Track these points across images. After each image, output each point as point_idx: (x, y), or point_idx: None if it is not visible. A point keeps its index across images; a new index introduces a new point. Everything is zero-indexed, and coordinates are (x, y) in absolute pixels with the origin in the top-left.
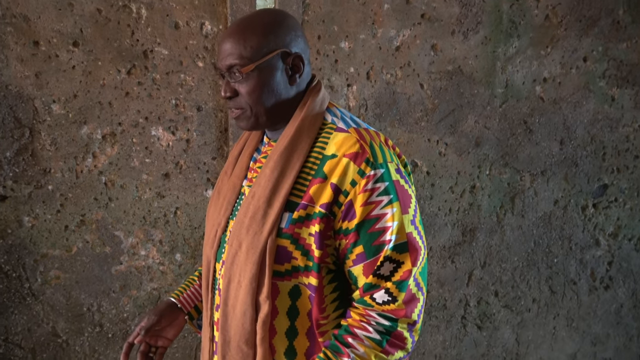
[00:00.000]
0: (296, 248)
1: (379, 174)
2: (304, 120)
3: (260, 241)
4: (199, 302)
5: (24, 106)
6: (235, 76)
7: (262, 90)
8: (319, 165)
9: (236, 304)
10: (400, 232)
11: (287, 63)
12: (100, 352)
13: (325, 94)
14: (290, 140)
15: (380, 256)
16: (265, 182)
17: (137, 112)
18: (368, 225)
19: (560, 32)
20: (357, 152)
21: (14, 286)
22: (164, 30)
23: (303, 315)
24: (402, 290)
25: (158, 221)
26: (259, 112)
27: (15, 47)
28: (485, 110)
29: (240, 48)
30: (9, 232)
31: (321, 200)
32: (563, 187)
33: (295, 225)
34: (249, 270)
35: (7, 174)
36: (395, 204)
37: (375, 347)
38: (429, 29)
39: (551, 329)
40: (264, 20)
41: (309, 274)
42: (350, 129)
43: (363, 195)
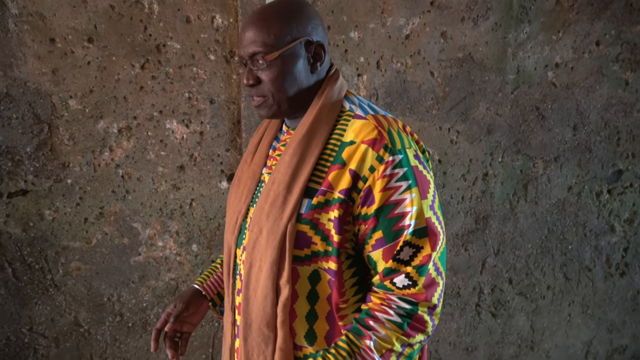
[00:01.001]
0: (316, 233)
1: (397, 159)
2: (322, 108)
3: (280, 226)
4: (221, 289)
5: (42, 102)
6: (259, 64)
7: (285, 78)
8: (338, 152)
9: (257, 288)
10: (419, 217)
11: (309, 51)
12: (120, 340)
13: (343, 82)
14: (309, 127)
15: (399, 241)
16: (285, 169)
17: (152, 105)
18: (387, 210)
19: (572, 16)
20: (375, 139)
21: (37, 278)
22: (175, 25)
23: (323, 300)
24: (422, 274)
25: (174, 213)
26: (281, 99)
27: (32, 44)
28: (496, 97)
29: (263, 36)
30: (31, 225)
31: (340, 186)
32: (577, 173)
33: (315, 210)
34: (269, 255)
35: (28, 168)
36: (413, 190)
37: (396, 329)
38: (438, 16)
39: (566, 315)
40: (287, 9)
41: (329, 259)
42: (368, 115)
43: (382, 180)
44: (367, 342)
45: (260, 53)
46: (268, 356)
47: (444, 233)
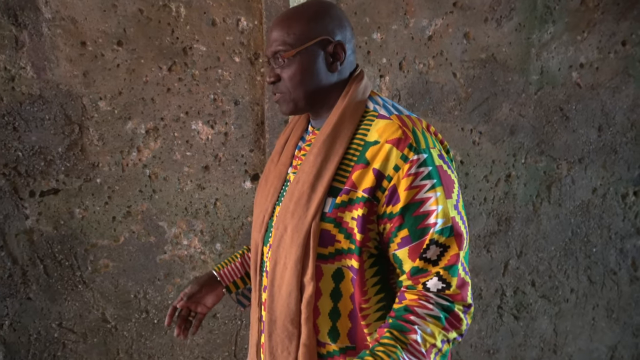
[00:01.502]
0: (339, 231)
1: (422, 158)
2: (346, 108)
3: (304, 225)
4: (237, 278)
5: (73, 104)
6: (279, 62)
7: (303, 75)
8: (361, 152)
9: (282, 285)
10: (445, 215)
11: (328, 50)
12: (146, 337)
13: (368, 83)
14: (333, 127)
15: (425, 239)
16: (309, 168)
17: (178, 107)
18: (413, 208)
19: (597, 16)
20: (400, 138)
21: (67, 274)
22: (201, 28)
23: (346, 298)
24: (453, 275)
25: (199, 212)
26: (297, 96)
27: (64, 47)
28: (520, 98)
29: (284, 35)
30: (61, 223)
31: (363, 185)
32: (602, 175)
33: (339, 209)
34: (294, 252)
35: (60, 168)
36: (438, 189)
37: (437, 324)
38: (461, 17)
39: (590, 319)
40: (308, 10)
41: (352, 257)
42: (393, 115)
43: (407, 179)
44: (413, 336)
45: (280, 51)
46: (292, 352)
47: (468, 233)
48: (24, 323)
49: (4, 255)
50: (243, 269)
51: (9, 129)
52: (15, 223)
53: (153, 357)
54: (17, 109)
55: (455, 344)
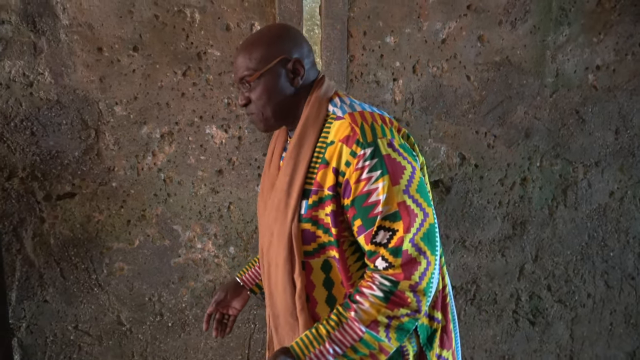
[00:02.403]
0: (318, 228)
1: (367, 152)
2: (308, 116)
3: (286, 227)
4: (259, 281)
5: (89, 109)
6: (246, 85)
7: (268, 94)
8: (323, 153)
9: (277, 283)
10: (389, 202)
11: (288, 68)
12: (160, 340)
13: (329, 86)
14: (299, 135)
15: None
16: (283, 176)
17: (192, 111)
18: (361, 200)
19: (614, 18)
20: (349, 135)
21: (83, 277)
22: (215, 33)
23: (337, 285)
24: (396, 255)
25: (213, 215)
26: (267, 114)
27: (81, 53)
28: (535, 101)
29: (246, 61)
30: (77, 227)
31: (327, 183)
32: (619, 178)
33: (312, 209)
34: (281, 253)
35: (76, 172)
36: (384, 177)
37: (379, 302)
38: (475, 19)
39: (607, 325)
40: (266, 35)
41: (332, 248)
42: (345, 115)
43: (356, 173)
44: (351, 313)
45: (246, 76)
46: None
47: (427, 214)
48: (40, 325)
49: (21, 258)
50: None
51: (27, 133)
52: (32, 226)
53: None
54: (35, 114)
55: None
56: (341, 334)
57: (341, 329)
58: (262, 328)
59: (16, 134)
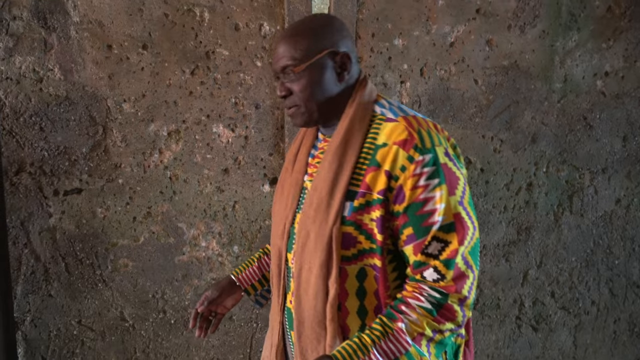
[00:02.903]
0: (360, 233)
1: (427, 158)
2: (354, 115)
3: (326, 229)
4: (255, 281)
5: (98, 105)
6: (289, 76)
7: (313, 88)
8: (372, 155)
9: (308, 288)
10: (446, 213)
11: (336, 61)
12: (163, 337)
13: (372, 88)
14: (344, 134)
15: (428, 236)
16: (325, 175)
17: (200, 110)
18: (416, 207)
19: (623, 24)
20: (406, 139)
21: (87, 273)
22: (224, 32)
23: (370, 295)
24: (449, 268)
25: (217, 214)
26: (311, 108)
27: (91, 50)
28: (542, 106)
29: (292, 50)
30: (84, 222)
31: (377, 187)
32: (626, 186)
33: (357, 212)
34: (318, 257)
35: (83, 168)
36: (442, 187)
37: (426, 315)
38: (484, 23)
39: (611, 333)
40: (313, 24)
41: (374, 256)
42: (399, 117)
43: (412, 179)
44: (399, 324)
45: (290, 66)
46: (320, 352)
47: (475, 228)
48: (44, 320)
49: (27, 252)
50: (260, 272)
51: (36, 129)
52: (39, 221)
53: (169, 357)
54: (45, 110)
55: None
56: (387, 345)
57: (387, 340)
58: (264, 327)
59: (25, 129)
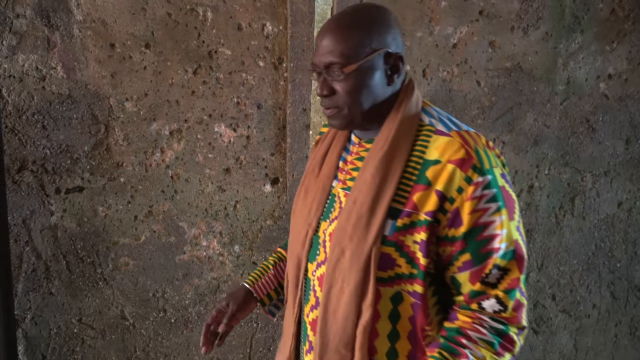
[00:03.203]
0: (400, 255)
1: (486, 180)
2: (401, 123)
3: (364, 249)
4: (271, 290)
5: (100, 104)
6: (335, 74)
7: (361, 91)
8: (421, 170)
9: (338, 309)
10: (508, 239)
11: (388, 63)
12: (163, 336)
13: (419, 94)
14: (390, 144)
15: (488, 264)
16: (367, 189)
17: (202, 109)
18: (476, 232)
19: (627, 26)
20: (463, 158)
21: (88, 271)
22: (227, 32)
23: (404, 319)
24: (511, 298)
25: (219, 214)
26: (355, 112)
27: (94, 49)
28: (545, 108)
29: (342, 46)
30: (85, 221)
31: (426, 207)
32: (628, 189)
33: (400, 232)
34: (353, 277)
35: (85, 166)
36: (503, 211)
37: (489, 348)
38: (487, 25)
39: (612, 336)
40: (368, 17)
41: (414, 282)
42: (452, 132)
43: (471, 202)
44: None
45: (338, 64)
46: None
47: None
48: (45, 317)
49: (28, 250)
50: (276, 280)
51: (39, 127)
52: (41, 219)
53: (169, 356)
54: (47, 108)
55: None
56: None
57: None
58: (264, 327)
59: (28, 127)
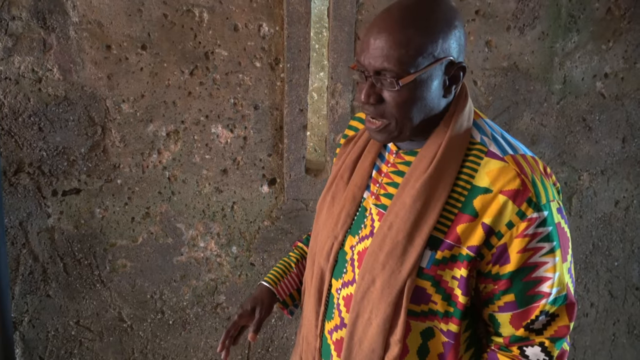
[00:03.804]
0: (436, 291)
1: (542, 217)
2: (450, 141)
3: (398, 281)
4: (293, 291)
5: (97, 106)
6: (387, 83)
7: (415, 104)
8: (467, 197)
9: (364, 340)
10: (560, 284)
11: (448, 73)
12: (161, 337)
13: (471, 105)
14: (437, 166)
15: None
16: (406, 214)
17: (199, 110)
18: (523, 273)
19: (623, 26)
20: (518, 190)
21: (85, 273)
22: (224, 33)
23: (433, 355)
24: (557, 347)
25: (216, 215)
26: (404, 126)
27: (90, 50)
28: (541, 107)
29: (401, 52)
30: (82, 223)
31: (470, 241)
32: (625, 187)
33: (439, 266)
34: (382, 310)
35: (82, 168)
36: (557, 252)
37: None
38: (483, 25)
39: (610, 335)
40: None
41: (449, 320)
42: (507, 156)
43: (521, 240)
44: None
45: (392, 72)
46: None
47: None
48: (42, 320)
49: (25, 252)
50: (298, 280)
51: (35, 129)
52: (38, 221)
53: (167, 358)
54: (43, 110)
55: None
56: None
57: None
58: (263, 328)
59: (24, 129)
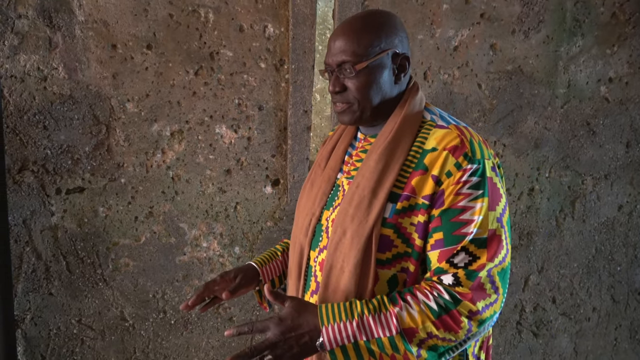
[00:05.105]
0: (398, 237)
1: (474, 168)
2: (405, 118)
3: (365, 229)
4: (276, 277)
5: (101, 105)
6: (346, 72)
7: (371, 87)
8: (419, 159)
9: (337, 289)
10: (482, 226)
11: (395, 63)
12: (162, 337)
13: (422, 95)
14: (394, 135)
15: (457, 246)
16: (370, 174)
17: (203, 110)
18: (452, 214)
19: (628, 30)
20: (457, 146)
21: (88, 272)
22: (229, 33)
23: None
24: (470, 278)
25: (219, 215)
26: (365, 107)
27: (95, 50)
28: (545, 111)
29: (353, 46)
30: (85, 221)
31: (423, 191)
32: (629, 192)
33: (399, 215)
34: (353, 256)
35: (86, 167)
36: (484, 199)
37: (428, 314)
38: (488, 28)
39: (612, 340)
40: (376, 21)
41: (409, 259)
42: (451, 125)
43: (455, 186)
44: (396, 309)
45: (349, 62)
46: None
47: (508, 250)
48: (44, 318)
49: (29, 250)
50: (282, 268)
51: (40, 127)
52: (41, 219)
53: (169, 358)
54: (48, 108)
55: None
56: (374, 321)
57: (376, 317)
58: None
59: (29, 128)
